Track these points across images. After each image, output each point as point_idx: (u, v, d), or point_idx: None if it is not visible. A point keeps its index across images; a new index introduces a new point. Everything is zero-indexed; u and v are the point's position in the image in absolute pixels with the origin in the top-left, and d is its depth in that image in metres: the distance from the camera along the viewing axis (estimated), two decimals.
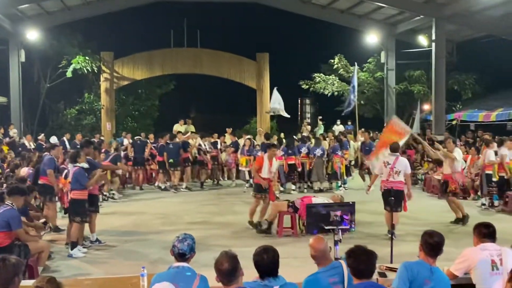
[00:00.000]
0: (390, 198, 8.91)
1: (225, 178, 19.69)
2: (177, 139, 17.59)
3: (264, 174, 11.35)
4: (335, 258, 5.22)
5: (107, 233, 10.70)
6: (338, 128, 25.46)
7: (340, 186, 16.95)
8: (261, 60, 27.61)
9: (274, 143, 14.19)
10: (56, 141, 17.66)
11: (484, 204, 13.39)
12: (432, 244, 4.70)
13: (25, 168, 12.61)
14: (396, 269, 5.08)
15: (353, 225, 8.04)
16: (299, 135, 21.18)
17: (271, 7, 27.89)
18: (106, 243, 9.92)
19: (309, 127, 24.19)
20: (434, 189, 15.64)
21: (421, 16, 23.64)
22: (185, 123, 22.51)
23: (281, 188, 16.48)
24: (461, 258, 5.26)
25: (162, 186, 17.57)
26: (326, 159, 16.96)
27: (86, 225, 9.59)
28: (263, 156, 11.79)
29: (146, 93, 30.41)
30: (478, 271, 5.05)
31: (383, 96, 27.29)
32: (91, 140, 15.82)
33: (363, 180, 16.76)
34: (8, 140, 18.74)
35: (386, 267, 5.92)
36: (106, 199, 15.18)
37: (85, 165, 9.37)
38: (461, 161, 12.12)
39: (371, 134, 21.87)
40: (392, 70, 26.78)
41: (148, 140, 19.41)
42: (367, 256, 4.20)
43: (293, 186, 16.86)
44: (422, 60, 25.70)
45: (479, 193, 14.01)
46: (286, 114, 22.06)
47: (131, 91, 29.28)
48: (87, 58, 24.71)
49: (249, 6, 28.64)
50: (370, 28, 26.44)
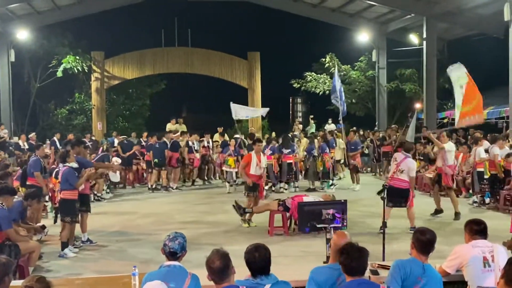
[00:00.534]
0: (384, 196, 8.89)
1: (217, 178, 19.68)
2: (164, 139, 17.51)
3: (253, 170, 11.38)
4: (327, 256, 5.21)
5: (98, 233, 10.64)
6: (330, 127, 25.35)
7: (332, 185, 16.95)
8: (252, 59, 27.64)
9: (259, 138, 14.16)
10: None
11: (476, 202, 13.44)
12: (424, 241, 4.68)
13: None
14: (388, 266, 5.07)
15: (345, 223, 8.06)
16: (290, 134, 21.08)
17: (262, 6, 27.92)
18: (97, 243, 9.86)
19: (300, 126, 24.23)
20: (425, 187, 15.66)
21: (412, 15, 23.76)
22: (177, 123, 22.47)
23: (273, 188, 16.45)
24: (453, 255, 5.26)
25: (153, 186, 17.46)
26: (317, 158, 16.94)
27: (77, 225, 9.53)
28: (250, 154, 11.82)
29: (137, 92, 30.36)
30: (470, 268, 5.05)
31: (375, 95, 27.42)
32: (82, 140, 15.71)
33: (351, 180, 16.83)
34: None
35: (378, 264, 5.92)
36: (98, 199, 15.08)
37: (75, 165, 9.29)
38: (453, 157, 12.15)
39: (362, 132, 21.92)
40: (384, 69, 26.89)
41: (142, 140, 19.27)
42: (359, 253, 4.18)
43: (286, 186, 16.70)
44: (413, 58, 25.83)
45: (471, 190, 14.06)
46: (263, 111, 20.74)
47: (122, 90, 29.22)
48: (77, 57, 24.68)
49: (240, 5, 28.68)
50: (361, 27, 26.54)
